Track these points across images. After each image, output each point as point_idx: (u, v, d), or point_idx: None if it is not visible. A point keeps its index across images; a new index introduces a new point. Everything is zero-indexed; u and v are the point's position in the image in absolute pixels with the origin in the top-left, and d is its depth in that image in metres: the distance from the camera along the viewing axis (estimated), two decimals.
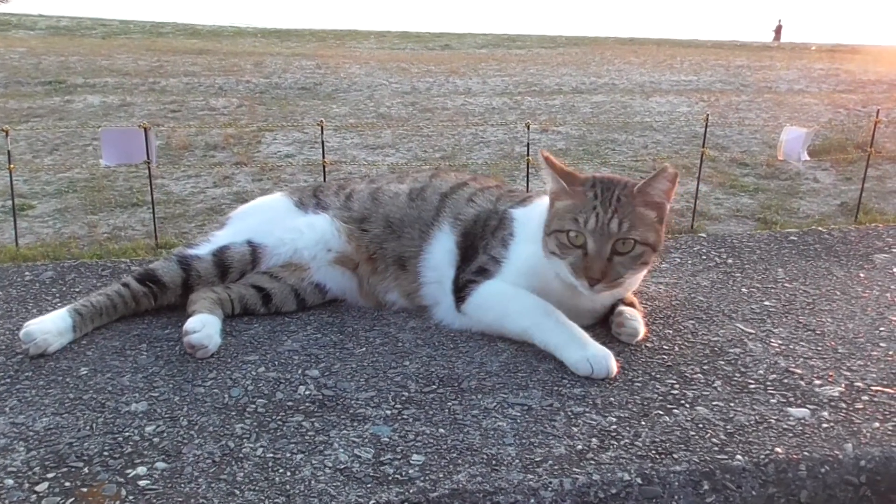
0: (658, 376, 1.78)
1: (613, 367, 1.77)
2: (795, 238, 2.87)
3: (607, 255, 1.78)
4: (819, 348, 1.94)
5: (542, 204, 1.99)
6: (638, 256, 1.81)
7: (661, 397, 1.68)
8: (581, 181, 1.88)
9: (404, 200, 2.19)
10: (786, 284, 2.41)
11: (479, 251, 2.04)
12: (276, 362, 1.82)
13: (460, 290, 2.00)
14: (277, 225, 2.18)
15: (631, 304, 2.03)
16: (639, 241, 1.80)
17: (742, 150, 9.49)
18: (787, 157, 6.92)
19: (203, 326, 1.86)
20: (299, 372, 1.78)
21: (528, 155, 7.25)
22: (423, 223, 2.13)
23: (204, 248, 2.12)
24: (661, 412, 1.62)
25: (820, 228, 2.99)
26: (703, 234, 2.92)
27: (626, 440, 1.52)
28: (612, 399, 1.67)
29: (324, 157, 6.51)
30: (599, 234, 1.79)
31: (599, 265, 1.78)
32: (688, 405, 1.65)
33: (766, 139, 9.82)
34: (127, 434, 1.52)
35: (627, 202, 1.81)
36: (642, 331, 1.95)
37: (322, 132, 6.43)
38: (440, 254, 2.08)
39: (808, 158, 6.89)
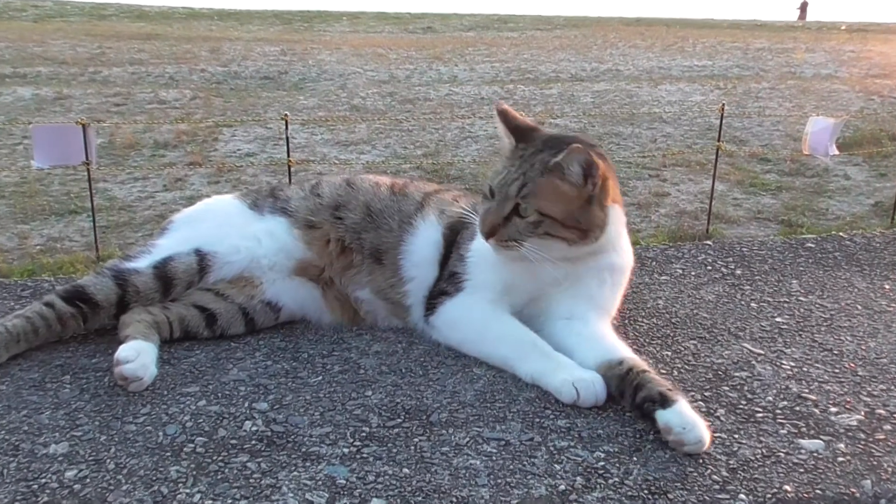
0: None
1: (602, 392, 1.77)
2: (813, 245, 2.90)
3: (504, 213, 1.89)
4: (836, 371, 1.96)
5: None
6: (536, 225, 1.87)
7: (655, 430, 1.69)
8: (532, 137, 1.98)
9: (386, 192, 2.25)
10: (800, 298, 2.42)
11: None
12: (220, 394, 1.81)
13: (432, 300, 2.04)
14: (230, 230, 2.19)
15: (643, 370, 1.78)
16: (542, 212, 1.87)
17: (763, 144, 9.56)
18: (813, 152, 6.96)
19: (137, 355, 1.85)
20: (245, 405, 1.77)
21: None
22: (404, 215, 2.18)
23: (143, 261, 2.11)
24: (655, 446, 1.63)
25: (841, 234, 3.02)
26: (709, 242, 2.93)
27: (616, 478, 1.52)
28: (600, 431, 1.67)
29: (289, 155, 6.50)
30: (501, 194, 1.90)
31: (491, 220, 1.89)
32: None
33: (790, 131, 9.89)
34: (43, 481, 1.50)
35: (538, 171, 1.88)
36: (707, 437, 1.64)
37: (287, 127, 6.41)
38: (424, 247, 2.13)
39: (836, 152, 6.93)
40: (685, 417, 1.62)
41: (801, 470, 1.56)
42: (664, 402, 1.66)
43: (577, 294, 1.96)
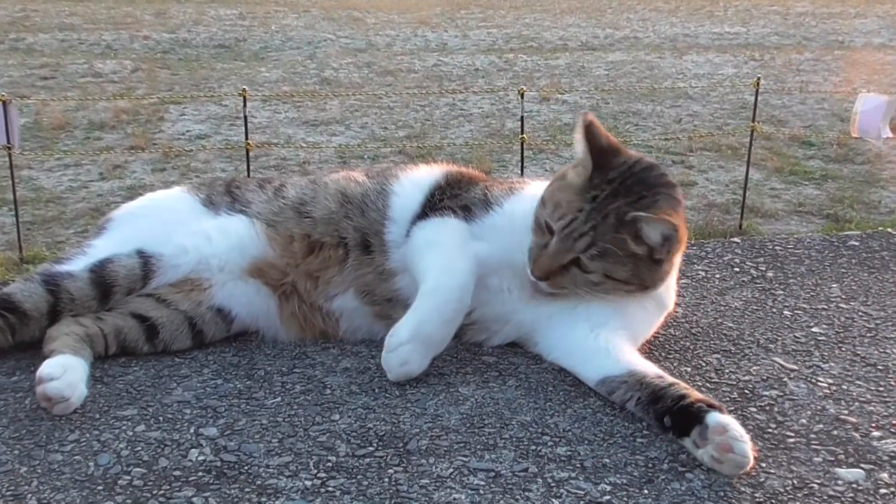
0: None
1: (412, 373, 1.96)
2: (857, 243, 2.93)
3: (564, 262, 1.98)
4: (881, 389, 1.98)
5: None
6: (595, 285, 2.01)
7: (670, 457, 1.71)
8: (612, 164, 2.01)
9: (362, 178, 2.33)
10: (841, 305, 2.45)
11: (469, 189, 2.24)
12: (161, 418, 1.82)
13: (425, 211, 2.19)
14: (177, 229, 2.21)
15: (643, 374, 1.91)
16: (608, 275, 1.98)
17: (805, 125, 9.60)
18: (863, 134, 6.99)
19: (64, 372, 1.86)
20: (191, 431, 1.78)
21: (522, 133, 7.28)
22: (387, 193, 2.26)
23: (78, 263, 2.12)
24: (669, 477, 1.65)
25: (889, 230, 3.05)
26: (737, 240, 2.97)
27: None
28: (605, 460, 1.70)
29: (248, 137, 6.50)
30: (563, 240, 1.98)
31: (548, 265, 2.00)
32: (705, 467, 1.68)
33: (837, 110, 9.95)
34: None
35: (619, 228, 1.95)
36: (752, 460, 1.67)
37: (245, 104, 6.41)
38: (415, 191, 2.25)
39: (890, 135, 6.97)
40: (738, 426, 1.68)
41: (838, 503, 1.58)
42: (711, 407, 1.72)
43: (616, 308, 2.07)
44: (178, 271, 2.16)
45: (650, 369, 1.92)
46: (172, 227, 2.22)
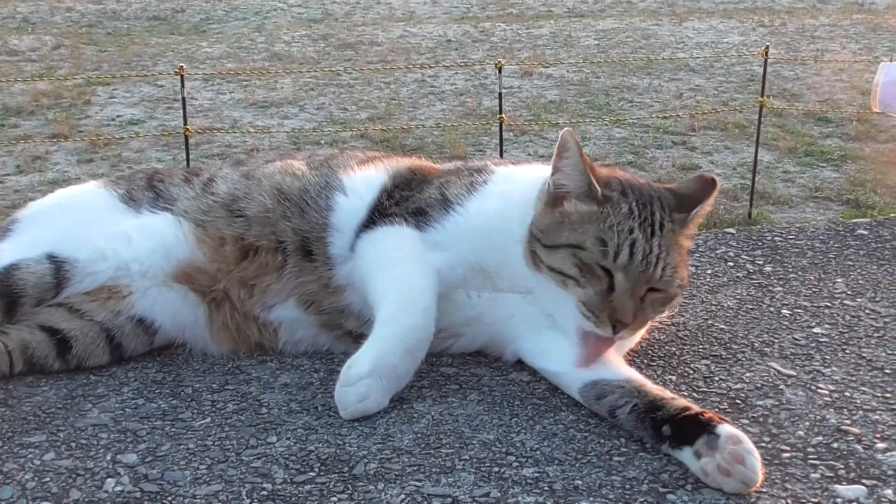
0: (649, 446, 1.82)
1: (369, 410, 1.92)
2: (865, 232, 2.96)
3: (641, 294, 1.96)
4: (887, 395, 2.01)
5: (538, 177, 2.15)
6: (671, 299, 2.04)
7: (650, 477, 1.72)
8: (604, 181, 2.03)
9: (303, 169, 2.31)
10: (846, 302, 2.48)
11: (423, 189, 2.22)
12: (73, 444, 1.82)
13: (373, 218, 2.17)
14: (94, 230, 2.21)
15: (629, 381, 1.96)
16: (679, 283, 2.02)
17: (821, 100, 9.69)
18: (885, 109, 7.09)
19: None
20: (108, 458, 1.78)
21: (500, 112, 7.31)
22: (332, 188, 2.25)
23: None
24: (649, 499, 1.66)
25: None
26: (732, 231, 2.99)
27: None
28: (578, 482, 1.71)
29: (186, 122, 6.50)
30: (637, 272, 1.95)
31: (631, 306, 1.94)
32: (690, 487, 1.69)
33: (856, 82, 10.04)
34: None
35: (671, 231, 2.00)
36: (760, 474, 1.71)
37: (183, 84, 6.41)
38: (358, 198, 2.23)
39: None
40: (750, 442, 1.71)
41: None
42: (722, 420, 1.76)
43: None
44: (96, 279, 2.16)
45: (648, 381, 1.95)
46: (88, 228, 2.21)
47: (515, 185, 2.19)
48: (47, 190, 6.89)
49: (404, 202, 2.20)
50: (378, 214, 2.19)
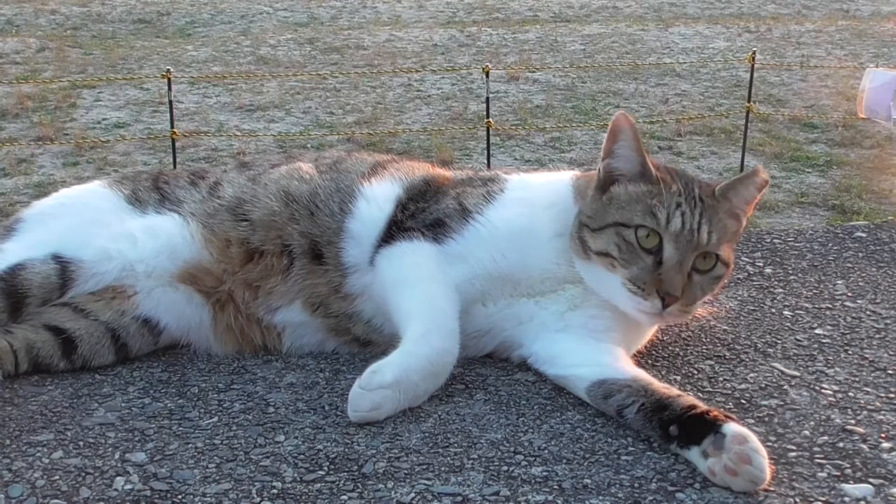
0: (656, 445, 1.84)
1: (376, 419, 1.90)
2: (864, 234, 2.98)
3: (689, 268, 2.00)
4: (891, 395, 2.03)
5: (558, 179, 2.25)
6: (717, 279, 2.07)
7: (658, 476, 1.74)
8: (654, 164, 2.10)
9: (312, 172, 2.32)
10: (847, 303, 2.50)
11: (438, 200, 2.22)
12: (81, 443, 1.82)
13: (391, 232, 2.17)
14: (99, 230, 2.21)
15: (636, 379, 1.99)
16: (721, 258, 2.04)
17: (807, 105, 9.74)
18: (871, 114, 7.14)
19: None
20: (116, 456, 1.78)
21: (487, 116, 7.33)
22: (344, 193, 2.25)
23: None
24: (658, 497, 1.67)
25: None
26: None
27: None
28: (587, 481, 1.72)
29: (173, 125, 6.49)
30: (686, 241, 1.99)
31: (680, 279, 1.98)
32: (698, 486, 1.70)
33: (843, 88, 10.09)
34: None
35: (712, 205, 2.04)
36: (768, 472, 1.73)
37: (170, 87, 6.41)
38: (377, 209, 2.23)
39: None
40: (757, 440, 1.73)
41: None
42: (728, 418, 1.78)
43: (613, 314, 2.12)
44: (101, 279, 2.16)
45: (655, 379, 1.97)
46: (93, 228, 2.21)
47: (538, 190, 2.23)
48: (34, 193, 6.89)
49: (420, 214, 2.21)
50: (396, 228, 2.19)
